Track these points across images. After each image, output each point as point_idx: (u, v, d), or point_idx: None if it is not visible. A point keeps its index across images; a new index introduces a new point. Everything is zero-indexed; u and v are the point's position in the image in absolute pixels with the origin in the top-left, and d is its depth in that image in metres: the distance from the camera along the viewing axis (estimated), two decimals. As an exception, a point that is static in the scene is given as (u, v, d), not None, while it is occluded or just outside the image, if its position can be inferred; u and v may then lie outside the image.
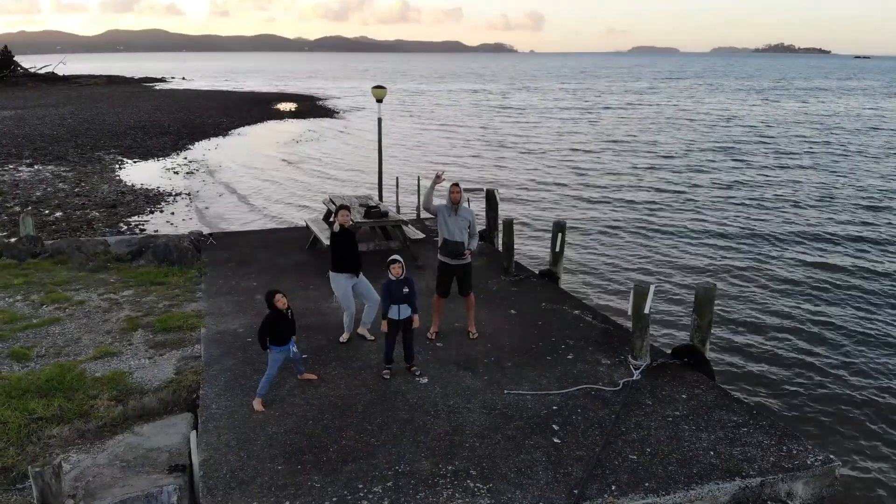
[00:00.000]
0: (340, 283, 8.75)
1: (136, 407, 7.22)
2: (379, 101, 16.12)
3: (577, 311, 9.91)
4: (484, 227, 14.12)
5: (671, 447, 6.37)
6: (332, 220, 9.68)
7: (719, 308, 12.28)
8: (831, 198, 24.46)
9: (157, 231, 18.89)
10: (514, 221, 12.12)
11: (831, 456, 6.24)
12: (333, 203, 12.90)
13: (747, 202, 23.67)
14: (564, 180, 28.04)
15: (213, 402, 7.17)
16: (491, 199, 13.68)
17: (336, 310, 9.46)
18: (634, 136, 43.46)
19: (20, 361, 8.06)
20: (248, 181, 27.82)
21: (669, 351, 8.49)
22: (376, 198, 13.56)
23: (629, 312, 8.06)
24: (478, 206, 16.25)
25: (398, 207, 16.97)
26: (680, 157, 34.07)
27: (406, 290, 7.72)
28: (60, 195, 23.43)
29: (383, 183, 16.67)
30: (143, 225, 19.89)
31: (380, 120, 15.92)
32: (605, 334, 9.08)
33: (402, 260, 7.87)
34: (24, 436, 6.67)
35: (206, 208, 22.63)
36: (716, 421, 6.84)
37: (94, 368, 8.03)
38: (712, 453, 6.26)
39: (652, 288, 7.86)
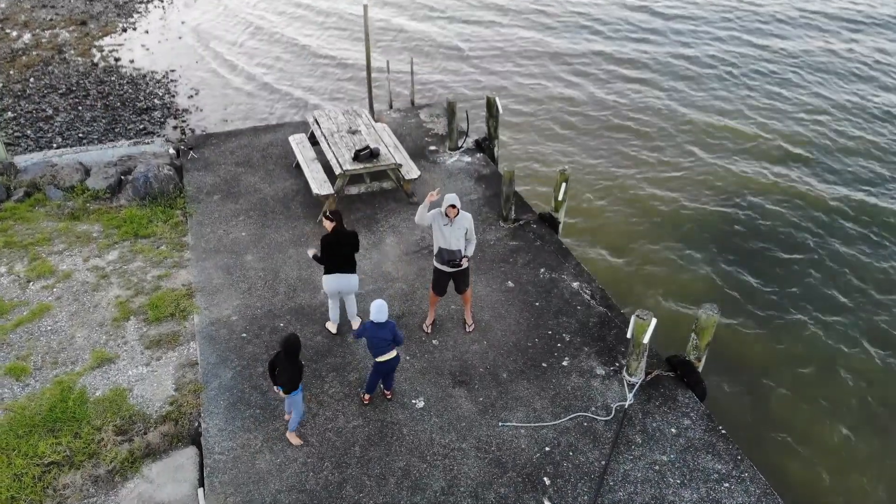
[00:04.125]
0: (331, 284, 8.44)
1: (140, 446, 7.45)
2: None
3: (576, 284, 9.70)
4: (484, 137, 13.19)
5: (655, 510, 6.75)
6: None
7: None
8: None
9: (132, 63, 17.58)
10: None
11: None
12: (318, 124, 11.86)
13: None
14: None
15: (216, 444, 7.39)
16: (491, 107, 12.55)
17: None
18: None
19: (19, 379, 8.11)
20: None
21: (665, 358, 8.51)
22: (366, 116, 12.29)
23: (629, 335, 7.92)
24: (477, 115, 14.96)
25: (391, 103, 15.55)
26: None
27: (389, 339, 7.41)
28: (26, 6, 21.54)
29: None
30: (117, 53, 18.66)
31: (365, 7, 13.85)
32: (602, 324, 9.01)
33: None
34: (41, 489, 7.00)
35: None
36: (700, 471, 7.13)
37: (93, 384, 8.10)
38: (692, 523, 6.65)
39: (654, 322, 7.63)
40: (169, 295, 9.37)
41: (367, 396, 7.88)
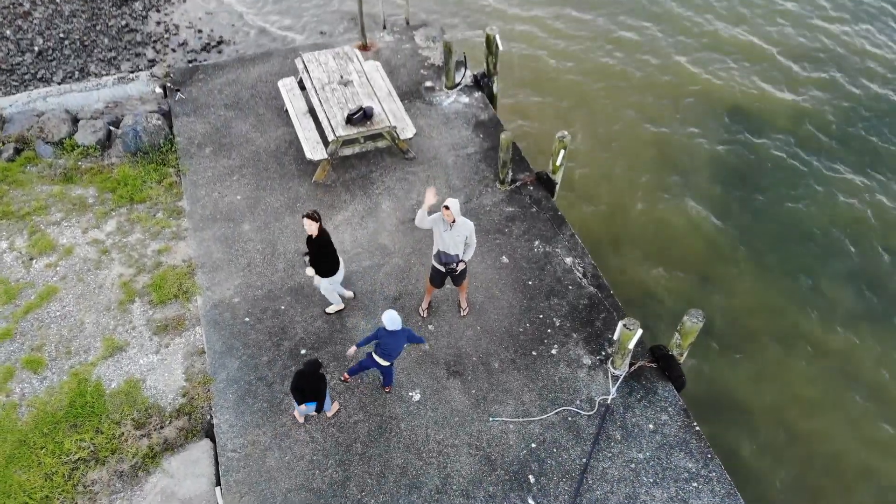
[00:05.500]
0: (338, 280, 8.63)
1: (158, 441, 8.07)
2: None
3: (569, 259, 9.85)
4: (482, 73, 12.58)
5: (627, 510, 7.50)
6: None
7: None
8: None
9: None
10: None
11: (758, 533, 7.42)
12: (308, 73, 11.27)
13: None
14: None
15: (229, 441, 8.00)
16: (490, 44, 11.86)
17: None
18: None
19: (37, 372, 8.55)
20: None
21: (649, 347, 8.90)
22: (357, 59, 11.48)
23: (615, 337, 8.25)
24: (476, 53, 14.01)
25: (384, 23, 14.50)
26: None
27: (400, 348, 7.74)
28: None
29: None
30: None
31: None
32: (592, 307, 9.31)
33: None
34: (71, 486, 7.71)
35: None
36: (672, 469, 7.80)
37: (107, 375, 8.58)
38: (660, 523, 7.42)
39: (639, 332, 7.92)
40: (171, 273, 9.58)
41: (347, 377, 8.32)
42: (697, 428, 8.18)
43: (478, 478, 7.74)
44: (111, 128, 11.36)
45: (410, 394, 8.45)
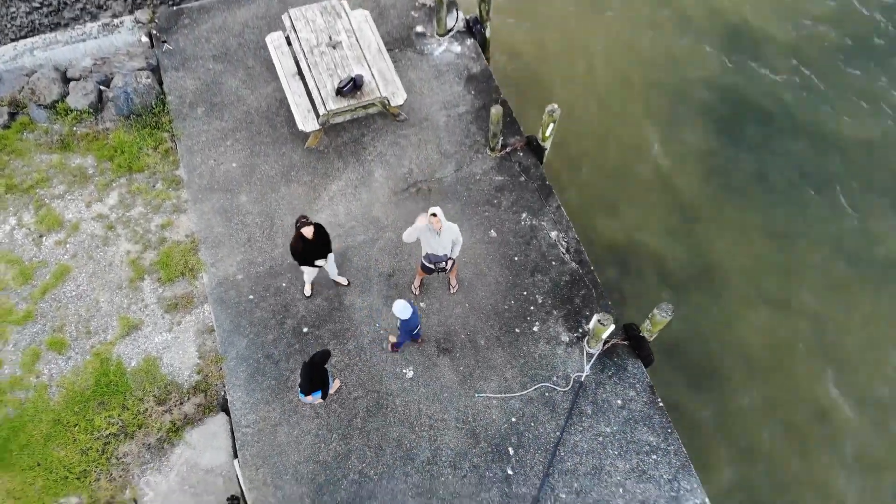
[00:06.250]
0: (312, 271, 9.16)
1: (179, 417, 9.03)
2: None
3: (554, 234, 10.31)
4: (474, 18, 12.20)
5: (594, 480, 8.61)
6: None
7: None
8: None
9: None
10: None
11: (706, 500, 8.56)
12: (296, 32, 10.98)
13: None
14: None
15: (242, 417, 8.96)
16: (482, 14, 11.48)
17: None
18: None
19: (61, 353, 9.33)
20: None
21: (623, 325, 9.61)
22: (345, 14, 11.06)
23: (589, 327, 8.96)
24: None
25: None
26: None
27: (418, 322, 8.59)
28: None
29: None
30: None
31: None
32: (572, 283, 9.92)
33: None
34: (106, 459, 8.77)
35: None
36: (636, 443, 8.84)
37: (127, 354, 9.38)
38: (621, 491, 8.56)
39: (612, 327, 8.62)
40: (176, 250, 10.08)
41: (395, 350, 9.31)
42: (661, 404, 9.14)
43: (464, 450, 8.80)
44: (101, 88, 11.30)
45: (404, 371, 9.31)
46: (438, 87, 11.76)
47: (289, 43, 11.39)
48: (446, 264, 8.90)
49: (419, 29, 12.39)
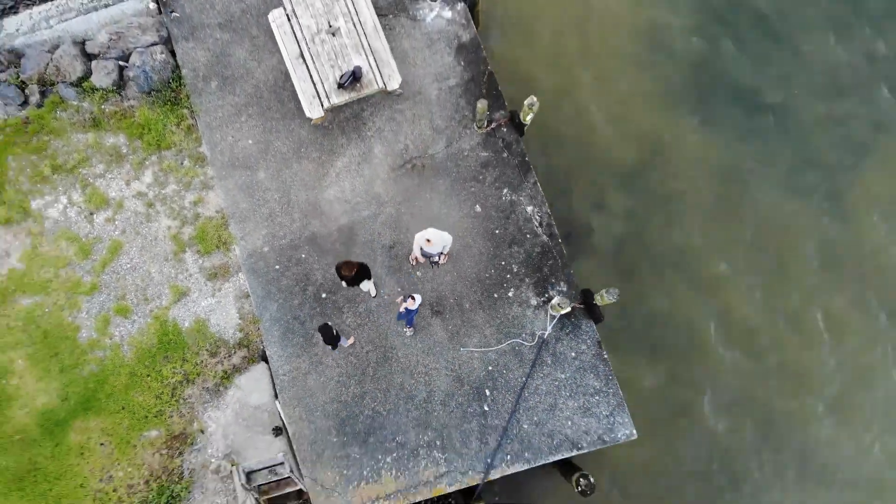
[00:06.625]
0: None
1: (229, 368, 11.49)
2: None
3: (530, 208, 12.11)
4: (464, -15, 12.79)
5: (550, 414, 11.38)
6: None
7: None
8: None
9: None
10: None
11: (633, 431, 11.38)
12: (295, 14, 11.68)
13: None
14: None
15: (279, 367, 11.44)
16: (473, -31, 12.06)
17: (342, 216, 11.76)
18: None
19: (127, 317, 11.52)
20: None
21: (581, 290, 11.82)
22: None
23: (552, 302, 11.16)
24: None
25: None
26: None
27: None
28: None
29: None
30: None
31: None
32: (543, 254, 11.95)
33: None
34: (175, 401, 11.36)
35: None
36: (583, 387, 11.49)
37: (180, 316, 11.60)
38: (570, 423, 11.36)
39: (569, 308, 10.83)
40: (209, 225, 11.88)
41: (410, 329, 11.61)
42: (606, 356, 11.68)
43: (451, 392, 11.47)
44: (121, 63, 12.25)
45: (405, 330, 11.67)
46: (430, 58, 12.78)
47: (289, 19, 12.18)
48: (439, 258, 10.89)
49: (412, -8, 13.05)
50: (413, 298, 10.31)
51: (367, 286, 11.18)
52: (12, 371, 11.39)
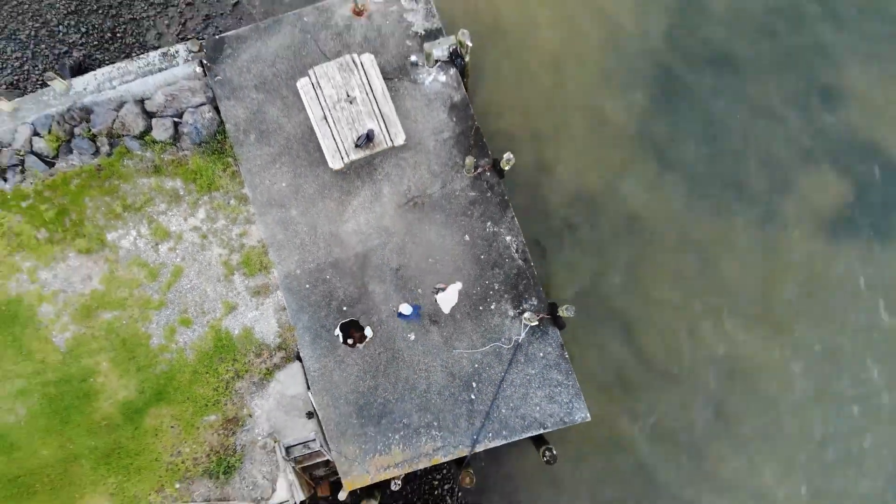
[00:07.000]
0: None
1: (271, 366, 14.55)
2: None
3: (508, 238, 15.20)
4: (454, 51, 15.65)
5: (523, 401, 14.61)
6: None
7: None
8: None
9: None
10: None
11: (587, 414, 14.66)
12: (319, 86, 14.52)
13: None
14: None
15: (311, 365, 14.51)
16: (462, 45, 14.94)
17: (345, 242, 14.77)
18: None
19: (189, 327, 14.49)
20: None
21: (548, 303, 14.99)
22: (358, 71, 14.36)
23: (523, 319, 14.32)
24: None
25: None
26: None
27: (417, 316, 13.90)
28: None
29: None
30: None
31: None
32: (518, 275, 15.09)
33: None
34: (229, 393, 14.42)
35: None
36: (549, 380, 14.73)
37: (231, 326, 14.59)
38: (538, 408, 14.61)
39: (536, 322, 14.01)
40: (252, 253, 14.83)
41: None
42: (567, 355, 14.93)
43: (445, 385, 14.65)
44: (176, 120, 15.03)
45: (409, 335, 14.79)
46: (428, 115, 15.71)
47: (314, 88, 15.01)
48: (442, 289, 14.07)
49: (413, 58, 15.90)
50: (410, 306, 13.53)
51: (368, 332, 14.41)
52: (98, 371, 14.37)
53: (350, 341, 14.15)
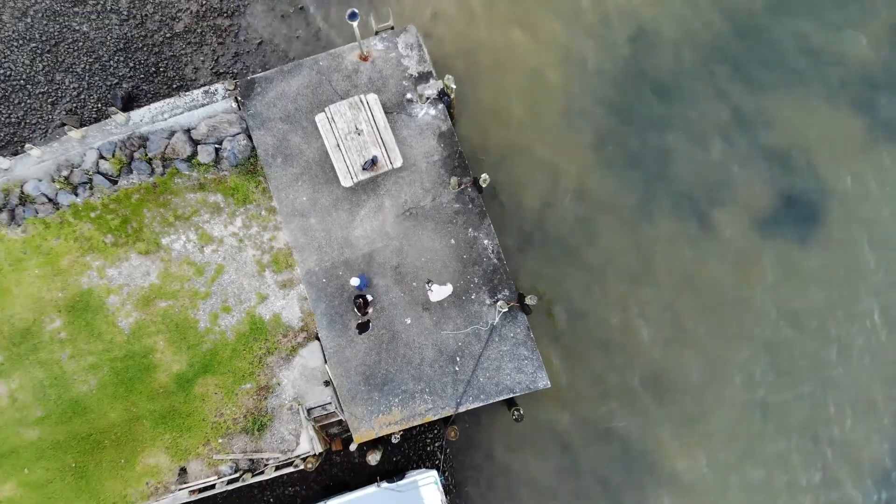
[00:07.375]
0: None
1: (296, 345, 18.14)
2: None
3: (486, 241, 18.85)
4: (441, 89, 19.27)
5: (496, 372, 18.28)
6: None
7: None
8: None
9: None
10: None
11: (548, 382, 18.34)
12: (335, 122, 18.11)
13: None
14: None
15: (327, 343, 18.09)
16: (447, 87, 18.58)
17: (354, 247, 18.35)
18: None
19: (229, 314, 18.04)
20: None
21: (517, 293, 18.66)
22: (365, 109, 17.98)
23: (497, 308, 18.00)
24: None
25: (375, 30, 19.75)
26: None
27: (364, 285, 17.56)
28: None
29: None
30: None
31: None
32: (493, 272, 18.74)
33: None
34: (261, 365, 17.99)
35: None
36: (517, 355, 18.39)
37: (263, 313, 18.15)
38: (509, 377, 18.29)
39: (506, 309, 17.71)
40: (280, 254, 18.38)
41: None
42: (532, 335, 18.61)
43: (434, 359, 18.29)
44: (216, 147, 18.55)
45: (406, 320, 18.41)
46: (421, 142, 19.32)
47: (329, 122, 18.55)
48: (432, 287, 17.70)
49: (408, 96, 19.50)
50: (357, 278, 17.28)
51: (369, 297, 17.98)
52: (156, 349, 17.89)
53: (359, 313, 17.80)
